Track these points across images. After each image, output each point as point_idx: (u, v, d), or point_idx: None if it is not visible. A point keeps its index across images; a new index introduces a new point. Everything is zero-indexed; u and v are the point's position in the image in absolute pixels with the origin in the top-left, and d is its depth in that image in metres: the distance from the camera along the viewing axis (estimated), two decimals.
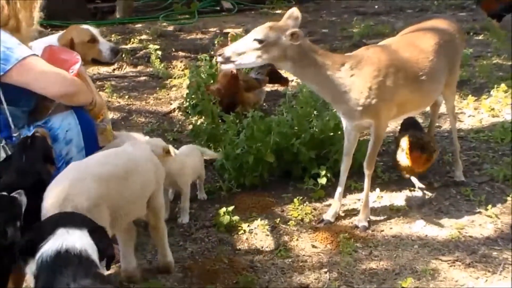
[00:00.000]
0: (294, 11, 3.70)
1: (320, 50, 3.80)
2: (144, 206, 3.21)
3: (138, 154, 3.22)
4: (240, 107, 5.59)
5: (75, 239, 2.36)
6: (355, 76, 3.71)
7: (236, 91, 5.59)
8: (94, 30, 4.09)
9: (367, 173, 4.00)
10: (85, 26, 4.14)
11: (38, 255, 2.35)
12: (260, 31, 3.57)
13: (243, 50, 3.56)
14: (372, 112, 3.78)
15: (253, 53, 3.56)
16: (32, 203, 2.71)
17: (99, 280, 2.29)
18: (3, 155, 3.11)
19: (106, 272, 2.56)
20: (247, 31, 8.54)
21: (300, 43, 3.55)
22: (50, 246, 2.34)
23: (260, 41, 3.53)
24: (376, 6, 10.91)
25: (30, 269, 2.40)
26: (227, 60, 3.58)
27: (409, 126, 4.60)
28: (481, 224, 4.01)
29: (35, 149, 2.97)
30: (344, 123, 4.03)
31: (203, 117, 5.55)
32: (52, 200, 2.67)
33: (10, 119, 3.19)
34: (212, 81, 5.81)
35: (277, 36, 3.54)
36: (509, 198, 4.25)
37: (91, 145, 3.36)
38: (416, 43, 4.10)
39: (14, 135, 3.18)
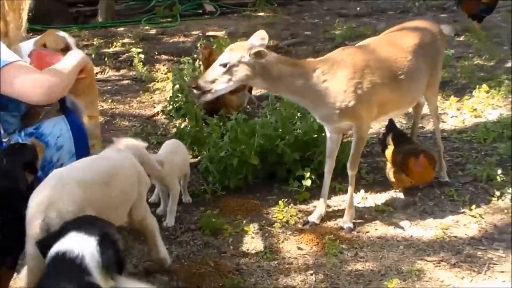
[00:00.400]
0: (261, 32, 3.72)
1: (289, 59, 3.83)
2: (124, 214, 3.17)
3: (120, 160, 3.18)
4: (224, 110, 5.58)
5: (76, 244, 2.36)
6: (328, 81, 3.71)
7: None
8: (70, 39, 4.00)
9: (351, 174, 4.01)
10: (62, 33, 4.05)
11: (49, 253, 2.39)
12: (223, 55, 3.60)
13: (214, 78, 3.59)
14: (351, 114, 3.77)
15: (222, 78, 3.58)
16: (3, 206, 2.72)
17: None
18: None
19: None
20: (229, 34, 8.61)
21: (266, 59, 3.56)
22: (56, 247, 2.37)
23: (224, 65, 3.56)
24: (358, 8, 10.95)
25: None
26: (203, 92, 3.60)
27: (397, 137, 4.51)
28: (465, 224, 4.03)
29: (17, 156, 2.95)
30: (325, 127, 4.04)
31: (187, 120, 5.54)
32: (37, 206, 2.65)
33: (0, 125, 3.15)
34: None
35: (240, 56, 3.55)
36: (493, 198, 4.28)
37: (83, 151, 3.32)
38: (395, 43, 4.12)
39: (4, 140, 3.14)
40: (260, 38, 3.69)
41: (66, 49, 3.95)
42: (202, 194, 4.53)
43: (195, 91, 3.64)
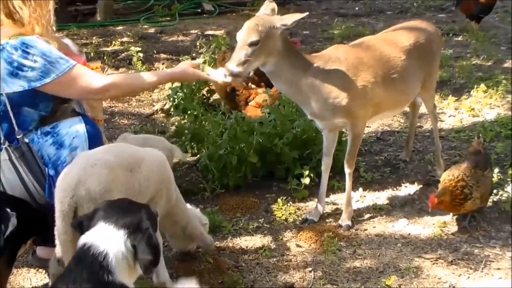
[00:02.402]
0: (271, 4, 3.68)
1: (294, 48, 3.80)
2: None
3: (146, 151, 3.23)
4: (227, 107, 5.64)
5: (103, 239, 2.30)
6: (323, 77, 3.71)
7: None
8: (73, 47, 3.98)
9: (348, 171, 4.02)
10: (66, 41, 4.03)
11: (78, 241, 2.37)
12: (250, 33, 3.48)
13: (245, 59, 3.48)
14: (344, 111, 3.77)
15: (254, 57, 3.49)
16: None
17: None
18: (6, 157, 3.12)
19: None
20: (228, 33, 8.60)
21: (285, 34, 3.58)
22: (84, 237, 2.34)
23: (255, 43, 3.46)
24: (357, 8, 10.98)
25: None
26: (236, 75, 3.51)
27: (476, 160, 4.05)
28: (462, 222, 4.05)
29: None
30: (316, 123, 4.03)
31: (186, 117, 5.53)
32: (66, 184, 2.75)
33: (14, 121, 3.14)
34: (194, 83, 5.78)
35: (267, 28, 3.49)
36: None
37: None
38: (390, 42, 4.12)
39: (18, 137, 3.15)
40: (270, 9, 3.66)
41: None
42: (201, 192, 4.54)
43: (228, 78, 3.50)
